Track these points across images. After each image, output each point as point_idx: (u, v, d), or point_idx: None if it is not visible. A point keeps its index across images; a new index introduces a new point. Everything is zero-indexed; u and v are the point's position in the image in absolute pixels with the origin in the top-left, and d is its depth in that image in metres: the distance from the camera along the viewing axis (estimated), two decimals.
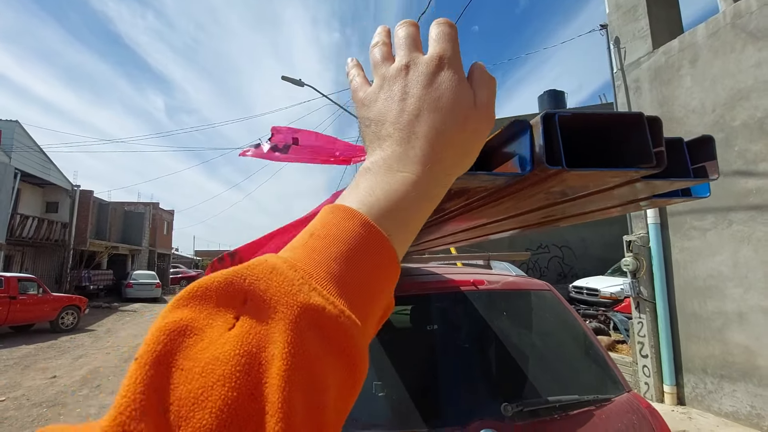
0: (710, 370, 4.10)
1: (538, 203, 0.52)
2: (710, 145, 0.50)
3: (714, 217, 4.08)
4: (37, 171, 15.86)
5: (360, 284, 0.28)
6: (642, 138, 0.36)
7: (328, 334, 0.25)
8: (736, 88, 3.86)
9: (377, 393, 1.53)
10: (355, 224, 0.29)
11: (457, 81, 0.35)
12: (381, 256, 0.30)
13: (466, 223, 0.77)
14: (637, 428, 1.56)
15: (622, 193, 0.52)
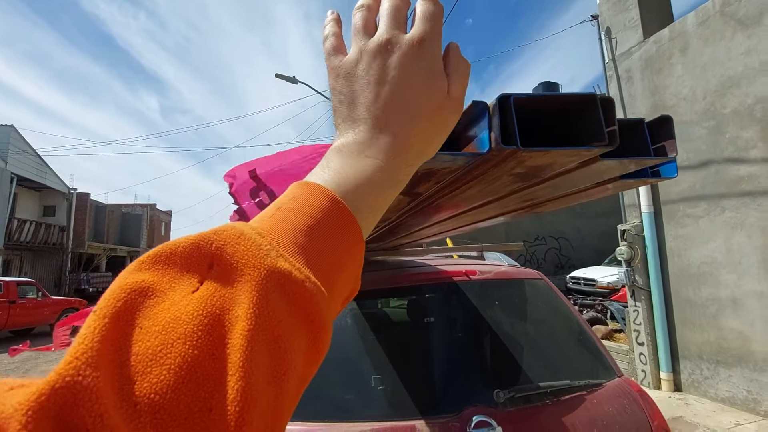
0: (706, 356, 4.14)
1: (507, 186, 0.53)
2: (669, 125, 0.51)
3: (707, 204, 4.11)
4: (33, 175, 15.80)
5: (326, 257, 0.28)
6: (595, 118, 0.38)
7: (293, 299, 0.25)
8: (726, 76, 3.87)
9: (372, 384, 1.55)
10: (324, 200, 0.30)
11: (435, 70, 0.35)
12: (347, 233, 0.30)
13: (448, 211, 0.79)
14: (629, 412, 1.59)
15: (590, 174, 0.54)
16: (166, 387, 0.19)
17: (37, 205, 18.11)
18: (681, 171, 4.34)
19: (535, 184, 0.55)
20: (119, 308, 0.21)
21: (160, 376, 0.20)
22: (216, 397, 0.20)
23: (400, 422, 1.40)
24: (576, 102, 0.38)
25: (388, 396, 1.50)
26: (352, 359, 1.63)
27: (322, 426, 1.40)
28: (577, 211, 14.23)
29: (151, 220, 26.57)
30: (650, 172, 0.61)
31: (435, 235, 1.73)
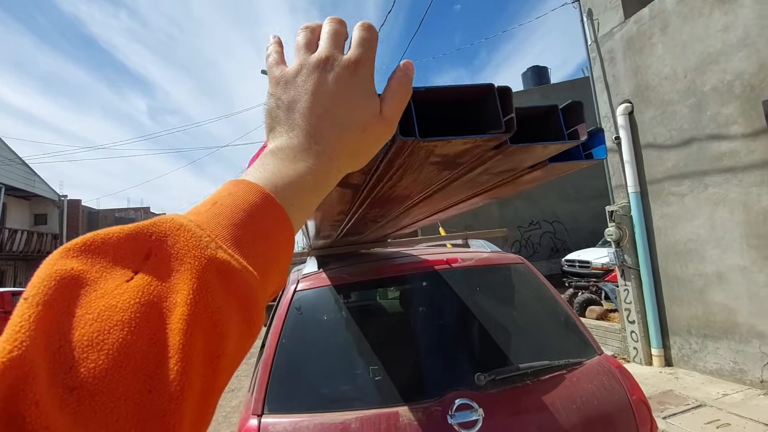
0: (694, 330, 4.22)
1: (437, 174, 0.55)
2: (579, 111, 0.53)
3: (690, 181, 4.15)
4: (21, 184, 15.63)
5: (260, 248, 0.30)
6: (493, 107, 0.39)
7: (231, 286, 0.26)
8: (705, 53, 3.89)
9: (356, 373, 1.59)
10: (258, 196, 0.32)
11: (367, 90, 0.38)
12: (279, 227, 0.32)
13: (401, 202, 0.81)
14: (607, 388, 1.63)
15: (514, 161, 0.56)
16: (104, 371, 0.20)
17: (28, 214, 17.95)
18: (665, 149, 4.39)
19: (467, 171, 0.57)
20: (51, 296, 0.21)
21: (98, 361, 0.20)
22: (156, 379, 0.21)
23: (384, 409, 1.44)
24: (476, 92, 0.40)
25: (372, 384, 1.53)
26: (335, 351, 1.66)
27: (307, 417, 1.43)
28: (571, 195, 14.32)
29: None
30: (584, 155, 0.63)
31: (408, 225, 1.75)
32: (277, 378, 1.54)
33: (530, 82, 17.45)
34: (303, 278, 1.85)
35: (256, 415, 1.46)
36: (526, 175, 0.65)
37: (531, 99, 14.89)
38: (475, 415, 1.41)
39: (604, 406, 1.57)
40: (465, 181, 0.63)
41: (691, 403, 3.58)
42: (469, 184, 0.69)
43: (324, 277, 1.81)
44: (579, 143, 0.54)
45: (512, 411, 1.48)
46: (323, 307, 1.76)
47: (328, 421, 1.41)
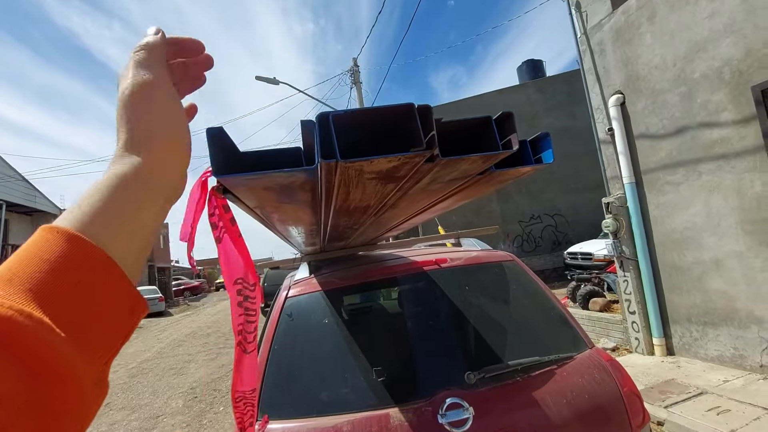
0: (694, 318, 4.22)
1: (382, 187, 0.57)
2: (511, 121, 0.54)
3: (685, 170, 4.15)
4: (22, 200, 15.74)
5: (66, 297, 0.28)
6: (415, 126, 0.41)
7: (13, 344, 0.24)
8: (693, 41, 3.89)
9: (346, 376, 1.60)
10: (59, 238, 0.30)
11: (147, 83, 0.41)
12: (88, 264, 0.30)
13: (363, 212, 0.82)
14: (598, 381, 1.64)
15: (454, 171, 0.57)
16: None
17: (30, 230, 18.06)
18: (658, 139, 4.39)
19: (414, 183, 0.58)
20: None
21: None
22: None
23: (375, 412, 1.45)
24: (398, 112, 0.41)
25: (363, 387, 1.55)
26: (327, 355, 1.68)
27: (300, 422, 1.45)
28: (571, 187, 14.29)
29: None
30: (534, 159, 0.65)
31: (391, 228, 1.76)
32: (269, 385, 1.56)
33: (525, 76, 17.41)
34: (294, 284, 1.87)
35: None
36: (480, 181, 0.66)
37: (526, 93, 14.86)
38: (465, 414, 1.43)
39: (595, 399, 1.58)
40: (418, 189, 0.64)
41: (693, 391, 3.59)
42: (426, 192, 0.71)
43: (315, 283, 1.83)
44: (511, 152, 0.55)
45: (503, 408, 1.49)
46: (314, 312, 1.78)
47: (321, 426, 1.42)
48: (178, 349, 9.90)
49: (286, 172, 0.42)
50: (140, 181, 0.36)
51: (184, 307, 24.15)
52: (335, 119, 0.39)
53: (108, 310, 0.30)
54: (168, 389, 6.39)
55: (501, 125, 0.53)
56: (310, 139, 0.42)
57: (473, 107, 14.17)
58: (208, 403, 5.44)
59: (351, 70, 12.18)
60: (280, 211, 0.69)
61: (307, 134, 0.43)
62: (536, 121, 14.45)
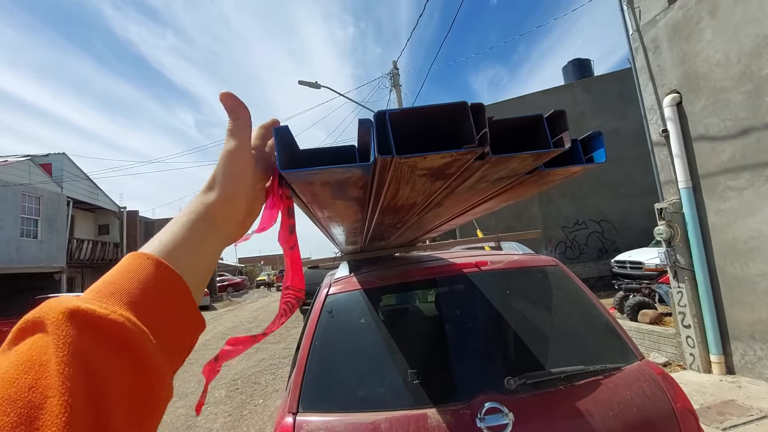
0: (759, 335, 3.89)
1: (430, 185, 0.57)
2: (564, 119, 0.53)
3: (749, 174, 3.84)
4: (86, 197, 17.07)
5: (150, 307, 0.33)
6: (468, 123, 0.41)
7: (100, 331, 0.28)
8: (762, 35, 3.60)
9: (386, 374, 1.62)
10: (146, 263, 0.35)
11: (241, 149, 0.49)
12: (168, 285, 0.36)
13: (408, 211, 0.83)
14: (648, 395, 1.56)
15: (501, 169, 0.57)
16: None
17: (92, 225, 19.55)
18: (719, 141, 4.09)
19: (462, 180, 0.59)
20: None
21: None
22: (42, 418, 0.24)
23: (413, 411, 1.46)
24: (451, 110, 0.42)
25: (401, 386, 1.56)
26: (366, 352, 1.70)
27: (339, 416, 1.48)
28: (621, 192, 13.58)
29: None
30: (585, 159, 0.63)
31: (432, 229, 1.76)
32: (310, 378, 1.60)
33: (571, 76, 16.77)
34: (335, 282, 1.91)
35: (291, 413, 1.53)
36: (528, 181, 0.66)
37: (572, 94, 14.31)
38: (505, 420, 1.40)
39: (645, 413, 1.50)
40: (465, 188, 0.64)
41: (755, 413, 3.30)
42: (472, 191, 0.71)
43: (355, 281, 1.86)
44: (562, 151, 0.54)
45: (544, 416, 1.45)
46: (354, 309, 1.81)
47: (359, 421, 1.45)
48: (221, 342, 10.34)
49: (344, 167, 0.45)
50: (207, 220, 0.43)
51: (227, 302, 25.22)
52: (391, 117, 0.41)
53: (181, 326, 0.36)
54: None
55: (552, 123, 0.53)
56: (366, 136, 0.44)
57: (514, 109, 13.82)
58: (249, 395, 5.65)
59: (391, 73, 12.26)
60: (331, 208, 0.72)
61: (364, 132, 0.45)
62: (583, 122, 13.86)
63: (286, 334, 10.45)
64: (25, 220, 13.47)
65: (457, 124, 0.43)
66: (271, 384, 6.10)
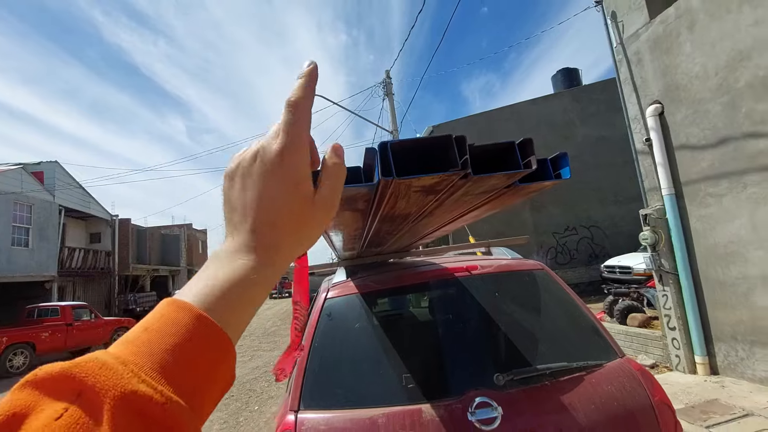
0: (740, 336, 4.04)
1: (423, 198, 0.68)
2: (530, 144, 0.64)
3: (728, 181, 4.02)
4: (78, 205, 16.96)
5: (190, 372, 0.31)
6: (452, 151, 0.52)
7: (153, 420, 0.27)
8: (736, 49, 3.80)
9: (383, 373, 1.71)
10: (187, 316, 0.32)
11: (296, 176, 0.38)
12: (213, 345, 0.33)
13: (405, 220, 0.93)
14: (628, 389, 1.66)
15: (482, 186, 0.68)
16: None
17: (84, 233, 19.39)
18: (699, 150, 4.27)
19: (449, 195, 0.69)
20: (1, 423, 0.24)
21: None
22: None
23: (408, 406, 1.55)
24: (439, 141, 0.53)
25: (397, 383, 1.65)
26: (364, 353, 1.80)
27: (338, 413, 1.56)
28: (610, 198, 13.86)
29: (189, 240, 27.80)
30: (554, 175, 0.74)
31: (424, 236, 1.87)
32: (311, 378, 1.69)
33: (560, 84, 17.11)
34: (333, 287, 2.00)
35: (293, 411, 1.61)
36: (506, 193, 0.76)
37: (561, 102, 14.61)
38: (494, 413, 1.50)
39: (625, 407, 1.61)
40: (452, 201, 0.75)
41: (738, 412, 3.43)
42: (459, 203, 0.81)
43: (352, 285, 1.96)
44: (530, 171, 0.65)
45: (531, 410, 1.55)
46: (352, 312, 1.90)
47: (357, 417, 1.53)
48: None
49: (356, 186, 0.55)
50: (261, 283, 0.37)
51: None
52: (392, 146, 0.51)
53: (217, 382, 0.34)
54: None
55: (523, 148, 0.64)
56: (372, 161, 0.54)
57: (505, 117, 14.08)
58: (244, 402, 5.67)
59: (384, 82, 12.44)
60: (339, 218, 0.82)
61: (369, 157, 0.55)
62: (571, 130, 14.16)
63: (280, 342, 10.45)
64: (17, 228, 13.36)
65: (445, 152, 0.53)
66: (266, 391, 6.13)
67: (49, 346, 10.12)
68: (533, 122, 14.17)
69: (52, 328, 10.29)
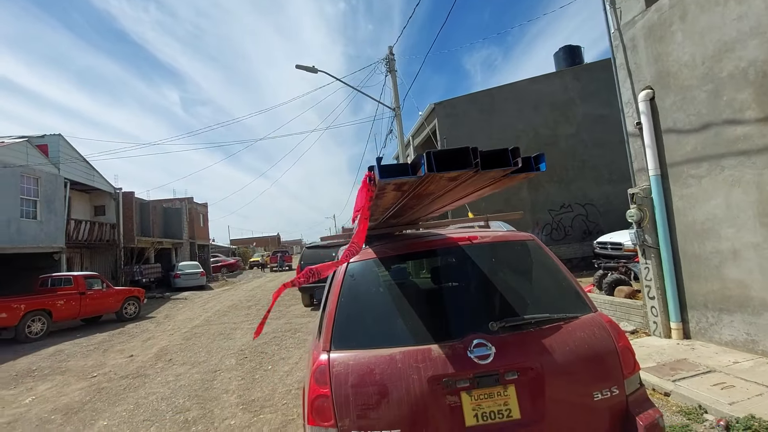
0: (711, 305, 4.48)
1: (447, 184, 1.01)
2: (517, 151, 0.97)
3: (708, 164, 4.36)
4: (82, 178, 17.17)
5: None
6: (468, 156, 0.85)
7: None
8: (722, 41, 4.06)
9: (398, 321, 2.09)
10: None
11: None
12: None
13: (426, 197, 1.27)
14: (597, 336, 2.06)
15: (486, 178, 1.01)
16: None
17: (89, 206, 19.68)
18: (684, 134, 4.59)
19: (464, 181, 1.02)
20: None
21: None
22: None
23: (419, 347, 1.94)
24: (461, 151, 0.86)
25: (410, 329, 2.04)
26: (382, 306, 2.18)
27: (362, 352, 1.95)
28: (605, 177, 14.21)
29: (190, 213, 28.12)
30: (534, 169, 1.09)
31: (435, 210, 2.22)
32: (338, 325, 2.07)
33: (562, 62, 17.14)
34: None
35: (325, 351, 2.00)
36: (502, 180, 1.09)
37: (562, 81, 14.73)
38: (488, 351, 1.89)
39: (594, 348, 2.00)
40: (465, 185, 1.08)
41: (702, 369, 3.90)
42: (470, 187, 1.15)
43: (370, 252, 2.32)
44: (518, 168, 0.98)
45: (518, 349, 1.94)
46: (371, 274, 2.27)
47: (379, 354, 1.92)
48: (223, 318, 10.85)
49: (407, 177, 0.89)
50: None
51: (222, 282, 25.67)
52: (434, 153, 0.85)
53: None
54: (220, 350, 7.20)
55: (513, 152, 0.97)
56: (419, 161, 0.87)
57: (505, 96, 14.24)
58: (258, 363, 6.17)
59: (386, 59, 12.51)
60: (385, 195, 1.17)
61: (417, 159, 0.89)
62: (571, 109, 14.36)
63: (285, 311, 10.97)
64: (25, 201, 13.62)
65: (465, 155, 0.86)
66: (277, 353, 6.63)
67: (64, 313, 10.61)
68: (533, 101, 14.34)
69: (67, 297, 10.75)
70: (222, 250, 44.74)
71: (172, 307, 14.66)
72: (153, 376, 6.03)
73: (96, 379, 6.16)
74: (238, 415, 4.17)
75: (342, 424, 1.82)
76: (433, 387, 1.84)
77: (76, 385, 5.86)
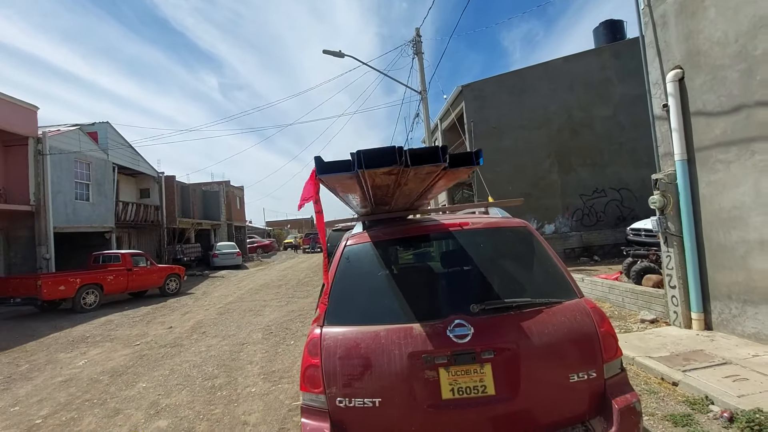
0: (735, 296, 4.31)
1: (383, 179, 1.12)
2: (446, 148, 1.06)
3: (737, 148, 4.14)
4: (129, 163, 18.32)
5: None
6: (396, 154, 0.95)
7: None
8: (757, 16, 3.79)
9: (385, 300, 2.24)
10: None
11: None
12: None
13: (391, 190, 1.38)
14: (578, 320, 2.11)
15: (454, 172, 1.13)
16: None
17: (135, 189, 21.01)
18: (714, 116, 4.36)
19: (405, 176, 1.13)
20: None
21: None
22: None
23: (403, 325, 2.08)
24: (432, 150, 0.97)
25: (395, 308, 2.17)
26: (372, 286, 2.32)
27: (352, 328, 2.11)
28: (643, 160, 13.50)
29: (227, 196, 29.34)
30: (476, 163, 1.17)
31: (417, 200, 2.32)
32: (332, 303, 2.24)
33: (602, 38, 16.24)
34: (351, 236, 2.51)
35: (319, 326, 2.18)
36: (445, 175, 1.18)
37: (600, 59, 14.00)
38: (467, 331, 1.99)
39: (573, 333, 2.06)
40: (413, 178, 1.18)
41: (717, 361, 3.81)
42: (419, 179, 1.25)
43: (366, 236, 2.46)
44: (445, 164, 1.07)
45: (495, 331, 2.03)
46: (365, 256, 2.41)
47: (365, 330, 2.08)
48: (255, 296, 11.45)
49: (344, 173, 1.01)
50: None
51: (257, 262, 26.82)
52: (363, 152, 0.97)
53: None
54: (249, 325, 7.67)
55: (443, 150, 1.06)
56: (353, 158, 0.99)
57: (537, 75, 13.72)
58: (282, 338, 6.55)
59: (413, 41, 12.37)
60: (344, 186, 1.30)
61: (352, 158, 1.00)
62: (607, 88, 13.67)
63: (312, 290, 11.41)
64: (78, 184, 14.79)
65: (392, 154, 0.97)
66: (301, 329, 6.99)
67: (114, 287, 11.57)
68: (567, 81, 13.74)
69: (116, 272, 11.70)
70: (258, 232, 46.42)
71: (209, 285, 15.57)
72: (188, 346, 6.55)
73: (139, 346, 6.77)
74: (258, 384, 4.51)
75: (330, 391, 2.01)
76: (413, 362, 1.98)
77: (122, 352, 6.48)
